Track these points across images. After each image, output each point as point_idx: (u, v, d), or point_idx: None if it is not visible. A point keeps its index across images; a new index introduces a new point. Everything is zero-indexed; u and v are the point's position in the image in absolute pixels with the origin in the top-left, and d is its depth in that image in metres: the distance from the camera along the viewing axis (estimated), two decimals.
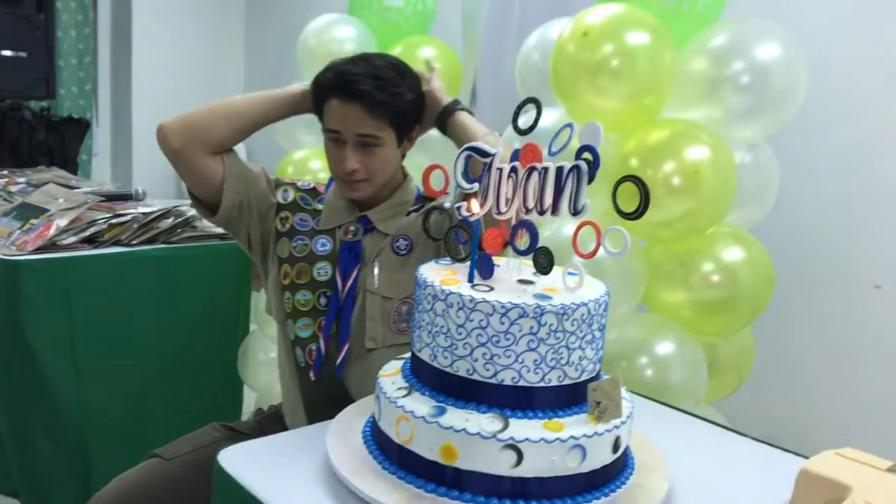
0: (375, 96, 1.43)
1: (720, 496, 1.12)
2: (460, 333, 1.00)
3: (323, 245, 1.54)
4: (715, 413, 1.87)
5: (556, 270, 1.08)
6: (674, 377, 1.72)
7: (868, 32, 2.19)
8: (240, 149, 1.62)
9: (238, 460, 1.12)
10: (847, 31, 2.22)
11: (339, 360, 1.49)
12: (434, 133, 1.61)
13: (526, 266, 1.12)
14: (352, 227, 1.54)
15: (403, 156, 1.59)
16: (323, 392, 1.50)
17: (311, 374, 1.51)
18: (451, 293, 1.00)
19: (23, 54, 4.07)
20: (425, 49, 2.56)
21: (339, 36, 2.59)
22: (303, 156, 2.64)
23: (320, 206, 1.59)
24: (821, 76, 1.87)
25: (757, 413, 2.17)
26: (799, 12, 2.26)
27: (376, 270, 1.50)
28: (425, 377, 1.06)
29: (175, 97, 5.14)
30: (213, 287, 2.48)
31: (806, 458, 1.17)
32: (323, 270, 1.53)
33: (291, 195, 1.60)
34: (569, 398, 1.03)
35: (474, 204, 1.07)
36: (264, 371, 2.51)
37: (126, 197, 2.66)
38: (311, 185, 1.64)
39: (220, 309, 2.55)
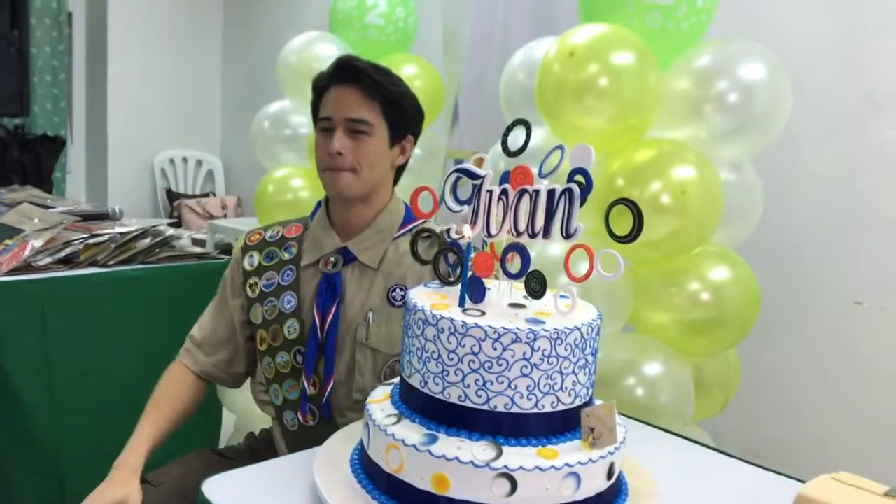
0: (372, 75, 1.43)
1: None
2: (452, 359, 0.98)
3: (289, 302, 1.50)
4: (701, 433, 1.86)
5: (547, 293, 1.06)
6: (662, 398, 1.71)
7: (847, 53, 2.21)
8: (217, 168, 1.60)
9: (223, 489, 1.09)
10: (827, 52, 2.24)
11: (324, 400, 1.46)
12: (418, 152, 1.60)
13: (517, 289, 1.10)
14: (332, 258, 1.49)
15: (396, 172, 1.55)
16: (312, 433, 1.47)
17: (299, 416, 1.48)
18: (443, 318, 0.98)
19: None
20: (407, 67, 2.55)
21: (320, 53, 2.59)
22: (284, 174, 2.62)
23: (287, 255, 1.53)
24: (801, 96, 1.88)
25: (741, 431, 2.17)
26: (779, 33, 2.28)
27: (370, 321, 1.46)
28: (415, 404, 1.04)
29: (151, 114, 5.11)
30: (191, 307, 2.41)
31: (800, 481, 1.17)
32: (291, 328, 1.49)
33: (256, 259, 1.55)
34: (562, 424, 1.01)
35: (466, 228, 1.06)
36: (243, 393, 2.46)
37: (102, 216, 2.62)
38: (280, 234, 1.57)
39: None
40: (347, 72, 1.45)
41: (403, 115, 1.49)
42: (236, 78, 5.31)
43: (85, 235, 2.28)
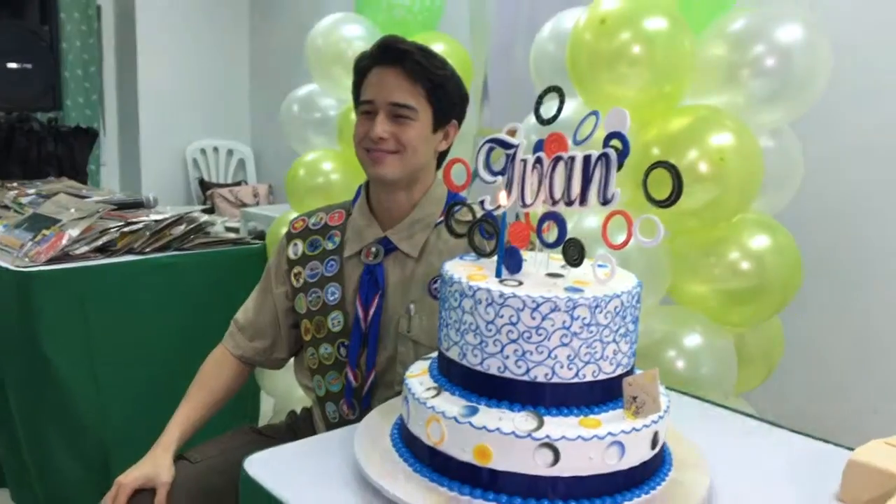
0: (417, 57, 1.39)
1: (764, 491, 1.09)
2: (490, 330, 0.97)
3: (333, 293, 1.48)
4: (744, 404, 1.83)
5: (585, 263, 1.04)
6: (703, 369, 1.68)
7: (890, 13, 2.14)
8: (248, 156, 1.60)
9: (265, 466, 1.09)
10: (869, 12, 2.17)
11: (365, 391, 1.46)
12: None
13: (553, 259, 1.09)
14: (373, 249, 1.47)
15: (439, 158, 1.51)
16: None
17: (342, 407, 1.48)
18: (480, 289, 0.97)
19: (28, 66, 4.07)
20: (435, 45, 2.52)
21: (347, 34, 2.57)
22: (314, 158, 2.61)
23: (331, 245, 1.51)
24: (840, 59, 1.82)
25: (784, 403, 2.13)
26: None
27: (412, 313, 1.44)
28: (454, 376, 1.03)
29: (181, 105, 5.15)
30: (227, 292, 2.43)
31: (849, 448, 1.14)
32: (336, 320, 1.47)
33: (300, 248, 1.54)
34: (604, 394, 0.99)
35: (501, 196, 1.04)
36: (281, 376, 2.47)
37: (137, 205, 2.65)
38: (323, 222, 1.56)
39: (235, 313, 2.53)
40: (391, 53, 1.41)
41: (448, 100, 1.44)
42: (264, 66, 5.32)
43: (120, 223, 2.31)
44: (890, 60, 2.16)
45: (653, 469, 1.02)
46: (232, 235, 2.59)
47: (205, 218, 2.51)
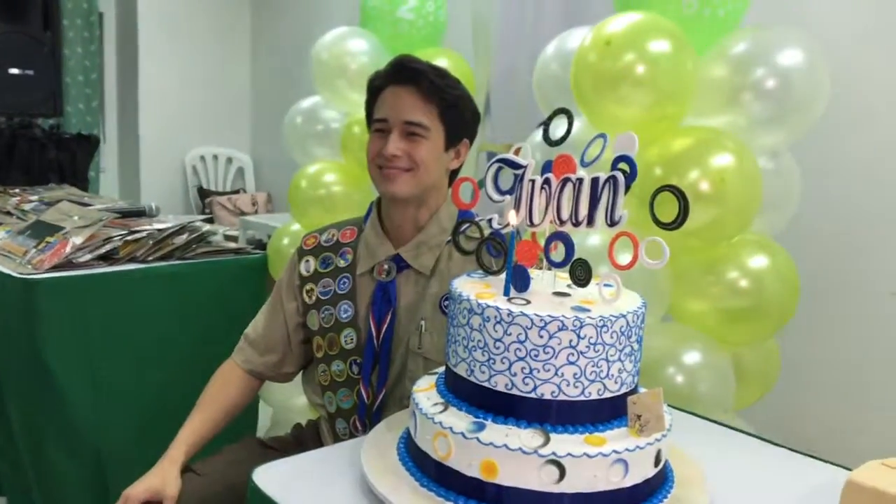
0: (431, 77, 1.41)
1: None
2: (498, 348, 0.98)
3: (346, 311, 1.50)
4: (742, 422, 1.85)
5: (590, 282, 1.06)
6: (702, 387, 1.70)
7: (887, 37, 2.18)
8: (247, 165, 1.62)
9: (272, 478, 1.11)
10: (866, 36, 2.21)
11: (375, 407, 1.47)
12: None
13: (560, 279, 1.10)
14: (385, 266, 1.48)
15: (451, 176, 1.53)
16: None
17: (353, 424, 1.50)
18: (488, 307, 0.99)
19: (30, 72, 4.08)
20: (438, 60, 2.55)
21: (351, 49, 2.59)
22: (317, 169, 2.63)
23: (343, 262, 1.53)
24: (837, 82, 1.85)
25: (780, 421, 2.15)
26: (818, 17, 2.25)
27: (423, 330, 1.45)
28: (462, 392, 1.04)
29: (182, 113, 5.17)
30: (228, 302, 2.46)
31: (845, 468, 1.16)
32: (349, 338, 1.49)
33: (312, 265, 1.55)
34: (609, 412, 1.01)
35: (511, 216, 1.06)
36: (279, 386, 2.48)
37: (139, 213, 2.66)
38: (335, 238, 1.57)
39: (236, 323, 2.51)
40: (406, 72, 1.43)
41: (460, 119, 1.47)
42: (265, 75, 5.35)
43: (124, 232, 2.32)
44: (885, 84, 2.19)
45: (655, 486, 1.03)
46: (233, 245, 2.61)
47: (207, 227, 2.53)
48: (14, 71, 4.01)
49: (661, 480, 1.06)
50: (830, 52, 1.82)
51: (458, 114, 1.45)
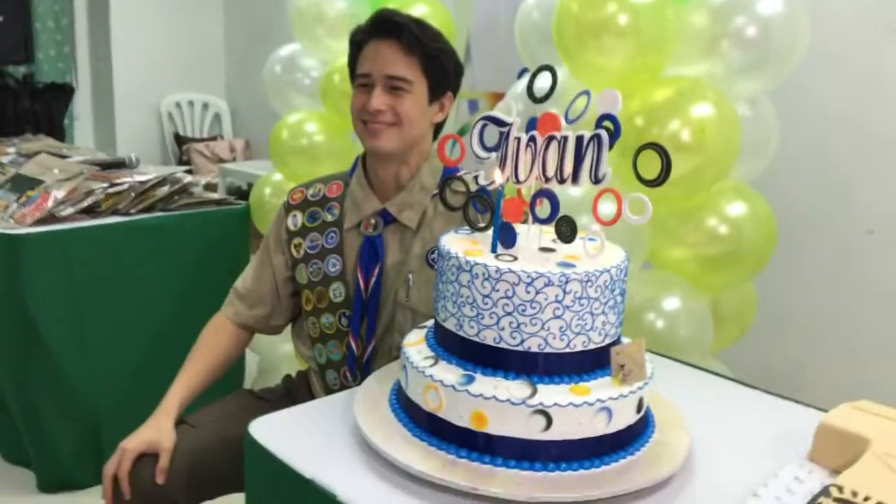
0: (412, 30, 1.42)
1: (739, 450, 1.15)
2: (486, 303, 1.01)
3: (334, 265, 1.52)
4: (718, 364, 1.91)
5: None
6: (681, 331, 1.75)
7: None
8: (223, 111, 1.61)
9: (269, 430, 1.14)
10: None
11: (364, 359, 1.50)
12: None
13: (545, 234, 1.13)
14: (372, 221, 1.50)
15: (435, 129, 1.54)
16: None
17: (342, 375, 1.53)
18: (476, 264, 1.01)
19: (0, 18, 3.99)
20: (418, 6, 2.52)
21: None
22: (297, 119, 2.62)
23: (330, 217, 1.54)
24: (814, 27, 1.87)
25: (756, 361, 2.21)
26: None
27: (410, 283, 1.47)
28: (451, 346, 1.08)
29: (155, 58, 5.08)
30: (212, 252, 2.48)
31: (819, 409, 1.21)
32: (338, 292, 1.51)
33: (300, 219, 1.57)
34: (593, 362, 1.05)
35: (497, 174, 1.08)
36: (267, 337, 2.52)
37: (119, 164, 2.65)
38: (321, 193, 1.58)
39: (221, 273, 2.53)
40: (387, 26, 1.43)
41: (443, 72, 1.47)
42: (238, 19, 5.25)
43: (105, 185, 2.31)
44: (862, 28, 2.20)
45: (638, 432, 1.08)
46: (215, 196, 2.60)
47: (188, 178, 2.52)
48: None
49: (644, 426, 1.10)
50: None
51: (440, 66, 1.46)
